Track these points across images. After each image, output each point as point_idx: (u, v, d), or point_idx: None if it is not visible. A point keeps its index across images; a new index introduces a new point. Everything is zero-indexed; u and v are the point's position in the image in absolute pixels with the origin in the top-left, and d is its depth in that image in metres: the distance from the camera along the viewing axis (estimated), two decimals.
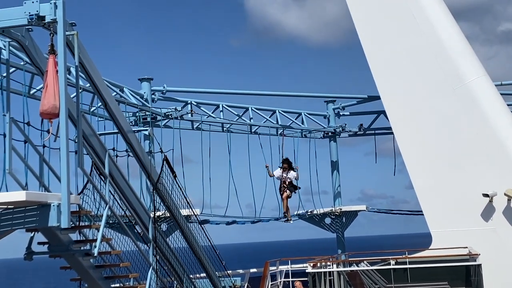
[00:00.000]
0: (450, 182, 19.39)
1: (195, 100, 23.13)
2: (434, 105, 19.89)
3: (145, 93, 21.29)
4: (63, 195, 8.30)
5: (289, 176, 22.07)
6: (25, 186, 9.44)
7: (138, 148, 12.45)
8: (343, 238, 26.78)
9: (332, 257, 19.12)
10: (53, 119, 8.42)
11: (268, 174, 22.47)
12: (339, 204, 27.08)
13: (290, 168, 22.17)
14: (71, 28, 9.01)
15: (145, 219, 12.43)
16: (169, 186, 13.48)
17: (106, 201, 10.11)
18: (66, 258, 9.68)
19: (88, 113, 17.70)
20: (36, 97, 15.64)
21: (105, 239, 10.13)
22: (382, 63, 20.70)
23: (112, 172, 11.16)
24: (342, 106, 27.01)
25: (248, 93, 25.69)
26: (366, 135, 27.31)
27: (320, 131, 27.01)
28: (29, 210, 8.42)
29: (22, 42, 9.27)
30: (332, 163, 27.55)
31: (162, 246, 13.13)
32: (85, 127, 10.34)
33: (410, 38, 20.35)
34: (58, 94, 8.30)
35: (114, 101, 11.57)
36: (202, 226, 14.84)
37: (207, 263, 14.85)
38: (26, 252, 9.51)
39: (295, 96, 27.21)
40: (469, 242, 18.28)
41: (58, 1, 8.47)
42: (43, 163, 9.87)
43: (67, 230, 8.77)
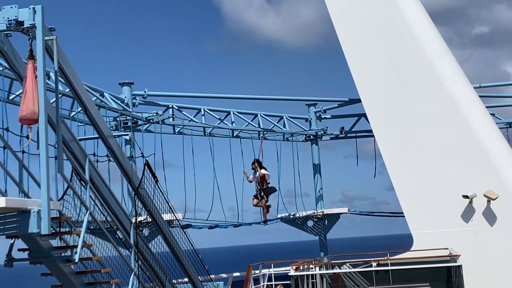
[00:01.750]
0: (431, 184, 19.54)
1: (177, 104, 23.09)
2: (414, 108, 20.05)
3: (126, 98, 21.21)
4: (43, 201, 8.24)
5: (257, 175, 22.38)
6: (4, 193, 9.35)
7: (119, 153, 12.39)
8: (325, 241, 26.88)
9: (315, 259, 19.17)
10: (32, 124, 8.36)
11: (247, 180, 22.69)
12: (321, 207, 27.18)
13: (261, 167, 22.44)
14: (50, 33, 8.95)
15: (126, 225, 12.36)
16: (151, 191, 13.42)
17: (87, 207, 10.05)
18: (46, 264, 9.60)
19: (68, 118, 17.60)
20: (15, 103, 15.54)
21: (86, 245, 10.06)
22: (363, 67, 20.83)
23: (93, 178, 11.10)
24: (323, 109, 27.13)
25: (230, 97, 25.72)
26: (347, 138, 27.45)
27: (302, 134, 27.10)
28: (8, 217, 8.34)
29: (1, 48, 9.19)
30: (314, 166, 27.65)
31: (144, 251, 13.08)
32: (65, 133, 10.27)
33: (390, 41, 20.50)
34: (37, 100, 8.24)
35: (94, 106, 11.51)
36: (184, 231, 14.80)
37: (189, 268, 14.80)
38: (6, 259, 9.42)
39: (277, 99, 27.27)
40: (449, 243, 18.43)
41: (37, 6, 8.42)
42: (23, 169, 9.79)
43: (47, 236, 8.70)
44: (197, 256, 15.21)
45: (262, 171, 22.46)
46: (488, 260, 18.51)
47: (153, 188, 13.53)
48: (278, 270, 20.01)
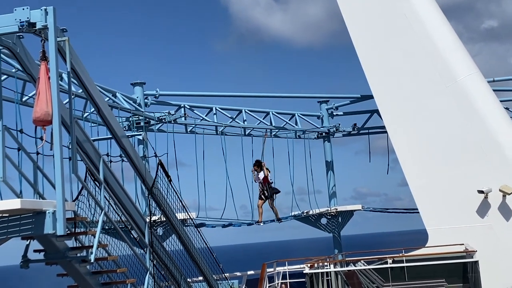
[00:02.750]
0: (445, 180, 19.43)
1: (188, 104, 23.09)
2: (427, 103, 19.93)
3: (138, 98, 21.24)
4: (58, 202, 8.25)
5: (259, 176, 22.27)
6: (19, 194, 9.37)
7: (132, 153, 12.41)
8: (339, 238, 26.80)
9: (329, 257, 19.11)
10: (46, 126, 8.37)
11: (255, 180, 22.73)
12: (334, 204, 27.10)
13: (261, 168, 22.36)
14: (62, 34, 8.95)
15: (141, 224, 12.38)
16: (164, 190, 13.43)
17: (102, 207, 10.07)
18: (62, 265, 9.62)
19: (81, 119, 17.64)
20: (28, 104, 15.57)
21: (101, 245, 10.08)
22: (375, 63, 20.73)
23: (107, 178, 11.12)
24: (335, 106, 27.04)
25: (242, 95, 25.70)
26: (360, 134, 27.34)
27: (314, 132, 27.02)
28: (24, 218, 8.36)
29: (13, 49, 9.20)
30: (326, 163, 27.57)
31: (159, 250, 13.09)
32: (78, 133, 10.29)
33: (402, 37, 20.38)
34: (50, 101, 8.24)
35: (107, 107, 11.52)
36: (198, 230, 14.81)
37: (204, 266, 14.81)
38: (22, 260, 9.45)
39: (289, 97, 27.23)
40: (465, 239, 18.32)
41: (49, 8, 8.42)
42: (37, 170, 9.80)
43: (63, 237, 8.72)
44: (212, 254, 15.22)
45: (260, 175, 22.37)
46: (504, 255, 18.37)
47: (166, 187, 13.56)
48: (293, 268, 19.98)
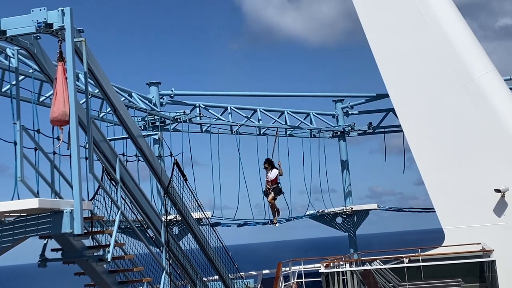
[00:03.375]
0: (461, 179, 19.32)
1: (203, 103, 23.14)
2: (444, 102, 19.83)
3: (154, 97, 21.32)
4: (76, 201, 8.30)
5: (270, 175, 21.84)
6: (37, 194, 9.44)
7: (148, 153, 12.45)
8: (355, 237, 26.73)
9: (345, 256, 19.07)
10: (63, 126, 8.42)
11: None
12: (349, 203, 27.04)
13: (272, 167, 22.00)
14: (79, 35, 9.01)
15: (157, 223, 12.43)
16: (180, 190, 13.48)
17: (118, 206, 10.12)
18: (80, 264, 9.68)
19: (98, 119, 17.74)
20: (45, 105, 15.69)
21: (118, 244, 10.13)
22: (390, 61, 20.65)
23: (123, 177, 11.17)
24: (350, 105, 26.97)
25: (256, 95, 25.71)
26: (375, 133, 27.26)
27: (329, 131, 26.97)
28: (42, 217, 8.42)
29: (31, 50, 9.27)
30: (341, 162, 27.52)
31: (175, 249, 13.14)
32: (95, 133, 10.34)
33: (417, 35, 20.29)
34: (67, 101, 8.29)
35: (123, 106, 11.58)
36: (214, 230, 14.84)
37: (219, 265, 14.84)
38: (40, 259, 9.52)
39: (303, 96, 27.21)
40: (482, 238, 18.20)
41: (66, 8, 8.47)
42: (54, 170, 9.87)
43: (80, 236, 8.77)
44: (227, 253, 15.24)
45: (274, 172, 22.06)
46: None
47: (182, 186, 13.60)
48: (308, 267, 19.96)
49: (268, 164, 22.01)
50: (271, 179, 21.83)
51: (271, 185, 21.87)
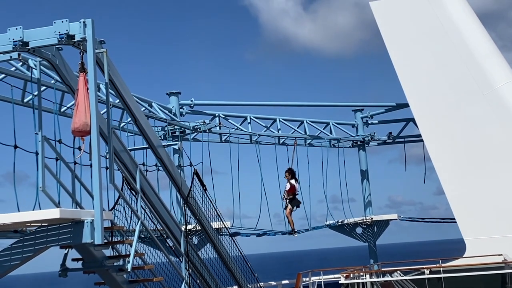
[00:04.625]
0: (483, 189, 19.14)
1: (223, 113, 23.20)
2: (464, 111, 19.70)
3: (173, 107, 21.41)
4: (96, 211, 8.35)
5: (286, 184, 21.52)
6: (58, 204, 9.52)
7: (168, 163, 12.51)
8: (375, 248, 26.55)
9: (365, 267, 18.95)
10: (84, 136, 8.50)
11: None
12: (369, 213, 26.89)
13: (292, 177, 21.83)
14: (100, 46, 9.08)
15: (176, 233, 12.45)
16: (199, 199, 13.50)
17: (138, 216, 10.15)
18: (100, 273, 9.73)
19: (118, 129, 17.85)
20: (66, 115, 15.83)
21: (138, 254, 10.17)
22: (410, 71, 20.57)
23: (143, 187, 11.22)
24: (370, 114, 26.88)
25: (276, 104, 25.70)
26: (395, 143, 27.12)
27: (348, 140, 26.89)
28: (63, 227, 8.49)
29: (53, 61, 9.37)
30: (361, 172, 27.40)
31: (194, 259, 13.15)
32: (116, 143, 10.41)
33: (437, 44, 20.20)
34: (89, 112, 8.37)
35: (143, 116, 11.65)
36: (234, 240, 14.83)
37: (239, 275, 14.82)
38: (60, 269, 9.58)
39: (323, 106, 27.15)
40: (504, 249, 17.99)
41: (87, 20, 8.56)
42: (75, 180, 9.95)
43: (100, 246, 8.82)
44: (247, 264, 15.22)
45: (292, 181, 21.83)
46: None
47: (201, 196, 13.63)
48: (328, 278, 19.86)
49: (288, 173, 21.88)
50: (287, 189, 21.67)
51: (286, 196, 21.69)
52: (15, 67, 13.85)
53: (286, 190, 21.69)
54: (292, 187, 21.57)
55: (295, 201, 21.86)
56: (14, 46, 8.56)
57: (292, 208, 21.87)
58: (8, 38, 8.59)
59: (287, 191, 21.70)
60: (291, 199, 21.75)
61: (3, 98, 13.99)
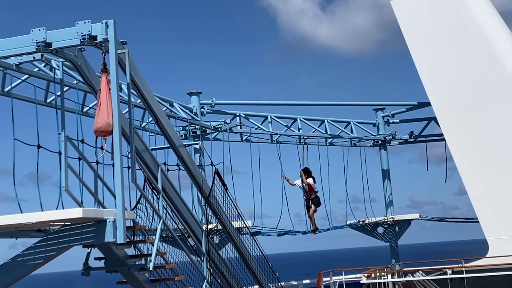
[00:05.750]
0: (505, 188, 18.94)
1: (244, 112, 23.21)
2: (487, 110, 19.51)
3: (194, 107, 21.48)
4: (119, 211, 8.41)
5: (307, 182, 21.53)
6: (81, 203, 9.60)
7: (189, 162, 12.55)
8: (396, 248, 26.39)
9: (387, 267, 18.86)
10: (107, 136, 8.56)
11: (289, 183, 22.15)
12: (391, 213, 26.74)
13: (308, 176, 21.78)
14: (122, 47, 9.15)
15: (197, 232, 12.49)
16: (220, 199, 13.54)
17: (160, 216, 10.20)
18: (122, 272, 9.79)
19: (140, 129, 17.95)
20: (89, 115, 15.95)
21: (160, 253, 10.22)
22: (432, 69, 20.42)
23: (165, 186, 11.27)
24: (391, 113, 26.73)
25: (296, 104, 25.65)
26: (416, 142, 26.94)
27: (370, 140, 26.77)
28: (85, 227, 8.56)
29: (75, 62, 9.46)
30: (382, 171, 27.26)
31: (215, 258, 13.19)
32: (137, 143, 10.48)
33: (459, 42, 20.02)
34: (111, 112, 8.43)
35: (165, 116, 11.71)
36: (254, 238, 14.84)
37: (260, 274, 14.83)
38: (83, 268, 9.66)
39: (344, 105, 27.05)
40: None
41: (109, 21, 8.62)
42: (98, 180, 10.02)
43: (123, 245, 8.88)
44: (268, 263, 15.22)
45: (308, 180, 21.80)
46: None
47: (222, 195, 13.66)
48: (349, 278, 19.80)
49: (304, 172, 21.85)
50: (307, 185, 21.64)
51: (309, 196, 21.70)
52: (38, 67, 13.99)
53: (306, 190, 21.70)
54: (310, 186, 21.61)
55: (317, 200, 21.87)
56: (37, 47, 8.66)
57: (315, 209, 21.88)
58: (31, 39, 8.69)
59: (309, 192, 21.71)
60: (312, 199, 21.75)
61: (27, 98, 14.14)
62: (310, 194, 21.77)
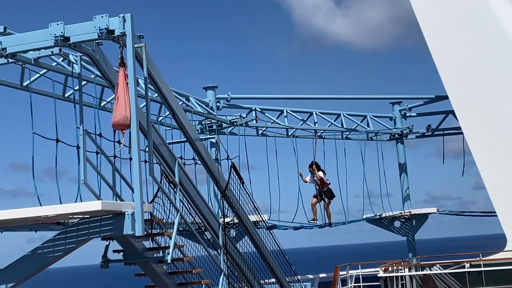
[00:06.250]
0: None
1: (259, 107, 23.21)
2: (505, 103, 19.37)
3: (210, 101, 21.53)
4: (137, 204, 8.47)
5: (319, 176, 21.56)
6: (99, 196, 9.68)
7: (206, 156, 12.60)
8: (413, 241, 26.29)
9: (404, 261, 18.81)
10: (124, 130, 8.61)
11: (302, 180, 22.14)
12: (408, 207, 26.63)
13: (318, 169, 21.70)
14: (139, 41, 9.19)
15: (214, 226, 12.55)
16: (237, 193, 13.58)
17: (178, 209, 10.26)
18: (140, 265, 9.87)
19: (156, 123, 18.03)
20: (106, 109, 16.04)
21: (178, 246, 10.28)
22: (450, 63, 20.29)
23: (182, 180, 11.33)
24: (408, 107, 26.59)
25: (313, 98, 25.62)
26: (434, 135, 26.79)
27: (386, 133, 26.65)
28: (104, 219, 8.64)
29: (93, 56, 9.51)
30: (399, 165, 27.14)
31: (232, 252, 13.23)
32: (154, 137, 10.53)
33: (477, 36, 19.87)
34: (129, 106, 8.48)
35: (181, 110, 11.76)
36: (271, 232, 14.87)
37: (276, 268, 14.86)
38: (102, 260, 9.75)
39: (360, 98, 26.95)
40: None
41: (127, 15, 8.66)
42: (115, 173, 10.09)
43: (141, 238, 8.95)
44: (284, 257, 15.25)
45: (319, 174, 21.78)
46: None
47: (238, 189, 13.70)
48: (366, 271, 19.77)
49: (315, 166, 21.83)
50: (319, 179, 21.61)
51: (321, 189, 21.68)
52: (56, 62, 14.07)
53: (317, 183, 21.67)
54: (322, 180, 21.64)
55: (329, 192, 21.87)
56: (56, 41, 8.72)
57: (329, 201, 21.86)
58: (50, 34, 8.75)
59: (321, 185, 21.70)
60: (325, 192, 21.74)
61: (45, 92, 14.26)
62: (323, 187, 21.78)
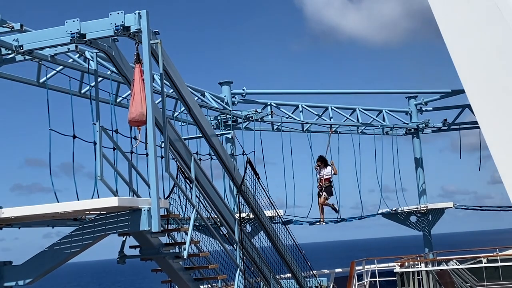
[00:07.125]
0: None
1: (275, 102, 23.18)
2: None
3: (226, 97, 21.55)
4: (153, 200, 8.50)
5: (324, 173, 21.26)
6: (115, 192, 9.72)
7: (221, 152, 12.61)
8: (430, 236, 26.16)
9: (420, 256, 18.74)
10: (141, 126, 8.64)
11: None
12: (424, 202, 26.51)
13: (325, 165, 21.52)
14: (155, 37, 9.22)
15: (230, 221, 12.57)
16: (252, 188, 13.59)
17: (194, 205, 10.29)
18: (157, 260, 9.92)
19: (172, 119, 18.07)
20: (122, 105, 16.09)
21: (194, 242, 10.31)
22: (466, 56, 20.11)
23: (197, 176, 11.35)
24: (424, 101, 26.44)
25: (328, 92, 25.52)
26: (450, 130, 26.62)
27: (402, 128, 26.53)
28: (121, 215, 8.68)
29: (109, 53, 9.55)
30: (415, 160, 27.02)
31: (248, 247, 13.25)
32: (170, 133, 10.56)
33: (493, 28, 19.66)
34: (145, 102, 8.51)
35: (197, 106, 11.77)
36: (286, 227, 14.88)
37: (292, 263, 14.87)
38: (119, 256, 9.80)
39: (376, 93, 26.83)
40: None
41: (142, 11, 8.68)
42: (132, 169, 10.13)
43: (157, 233, 8.99)
44: (300, 252, 15.25)
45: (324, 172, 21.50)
46: None
47: (254, 184, 13.71)
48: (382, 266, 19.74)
49: (321, 162, 21.62)
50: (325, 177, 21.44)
51: (323, 184, 21.44)
52: (72, 59, 14.15)
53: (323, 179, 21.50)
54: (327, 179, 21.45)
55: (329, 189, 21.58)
56: (72, 38, 8.77)
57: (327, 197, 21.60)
58: (66, 31, 8.80)
59: (325, 180, 21.48)
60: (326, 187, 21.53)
61: (61, 89, 14.34)
62: (325, 182, 21.57)
